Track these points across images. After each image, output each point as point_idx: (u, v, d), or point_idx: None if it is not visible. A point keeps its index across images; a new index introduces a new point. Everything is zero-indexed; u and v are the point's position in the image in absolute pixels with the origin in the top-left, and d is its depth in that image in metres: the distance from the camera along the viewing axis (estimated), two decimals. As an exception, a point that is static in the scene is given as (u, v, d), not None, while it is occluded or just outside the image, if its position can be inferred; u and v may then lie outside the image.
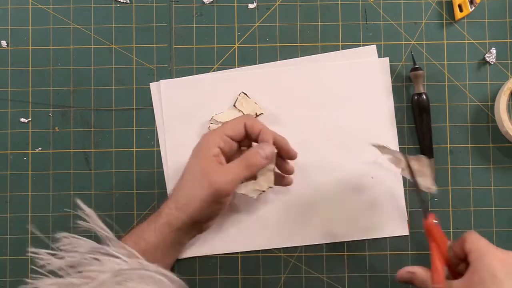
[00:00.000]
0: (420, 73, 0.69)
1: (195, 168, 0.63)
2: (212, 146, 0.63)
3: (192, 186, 0.62)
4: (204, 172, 0.62)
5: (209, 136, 0.64)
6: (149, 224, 0.63)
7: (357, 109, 0.71)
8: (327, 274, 0.70)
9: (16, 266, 0.71)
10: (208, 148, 0.63)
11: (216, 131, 0.64)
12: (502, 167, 0.71)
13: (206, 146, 0.63)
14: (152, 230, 0.62)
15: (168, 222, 0.62)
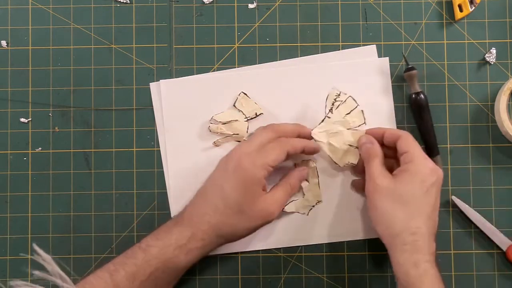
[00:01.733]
0: (414, 73, 0.69)
1: (241, 200, 0.62)
2: (258, 181, 0.63)
3: (239, 219, 0.63)
4: (253, 205, 0.63)
5: (254, 170, 0.62)
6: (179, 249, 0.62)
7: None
8: (327, 274, 0.70)
9: (16, 266, 0.71)
10: (253, 183, 0.62)
11: (258, 162, 0.62)
12: (502, 167, 0.71)
13: (251, 181, 0.62)
14: (183, 253, 0.62)
15: (203, 246, 0.63)
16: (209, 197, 0.63)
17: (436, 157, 0.70)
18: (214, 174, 0.65)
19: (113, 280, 0.60)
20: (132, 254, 0.62)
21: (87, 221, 0.71)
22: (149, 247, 0.62)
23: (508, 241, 0.69)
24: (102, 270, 0.61)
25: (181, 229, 0.62)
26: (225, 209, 0.62)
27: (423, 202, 0.62)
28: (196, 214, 0.63)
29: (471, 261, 0.70)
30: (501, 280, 0.70)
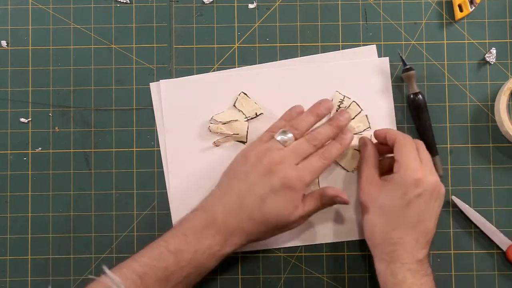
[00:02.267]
0: (412, 73, 0.69)
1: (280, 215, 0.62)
2: (301, 197, 0.63)
3: (272, 230, 0.63)
4: (288, 219, 0.62)
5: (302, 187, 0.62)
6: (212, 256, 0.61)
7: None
8: (327, 274, 0.70)
9: (16, 266, 0.71)
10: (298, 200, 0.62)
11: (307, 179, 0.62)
12: (502, 167, 0.71)
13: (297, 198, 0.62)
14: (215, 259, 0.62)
15: (233, 250, 0.63)
16: (246, 204, 0.61)
17: (435, 158, 0.69)
18: (252, 180, 0.62)
19: (143, 283, 0.58)
20: (162, 258, 0.60)
21: (87, 221, 0.71)
22: (180, 252, 0.60)
23: (508, 241, 0.69)
24: (129, 269, 0.59)
25: (213, 234, 0.61)
26: (263, 220, 0.61)
27: (405, 214, 0.62)
28: (231, 220, 0.61)
29: (471, 261, 0.70)
30: (501, 280, 0.70)
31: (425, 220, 0.62)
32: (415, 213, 0.62)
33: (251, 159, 0.63)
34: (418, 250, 0.61)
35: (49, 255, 0.71)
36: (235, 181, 0.63)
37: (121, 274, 0.58)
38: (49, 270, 0.70)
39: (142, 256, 0.60)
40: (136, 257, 0.60)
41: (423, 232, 0.62)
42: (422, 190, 0.62)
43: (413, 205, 0.62)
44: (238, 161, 0.65)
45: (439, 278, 0.69)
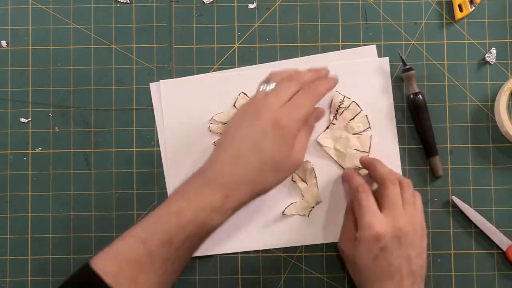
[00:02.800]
0: (412, 73, 0.69)
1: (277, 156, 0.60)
2: (295, 136, 0.61)
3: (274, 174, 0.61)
4: (287, 159, 0.61)
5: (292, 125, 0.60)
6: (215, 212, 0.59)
7: (357, 109, 0.71)
8: (327, 274, 0.70)
9: (16, 266, 0.71)
10: (291, 138, 0.61)
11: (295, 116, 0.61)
12: (502, 167, 0.71)
13: (290, 136, 0.60)
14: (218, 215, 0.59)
15: (238, 205, 0.60)
16: (241, 154, 0.59)
17: (434, 157, 0.70)
18: (243, 129, 0.61)
19: (147, 248, 0.56)
20: (163, 219, 0.58)
21: (87, 221, 0.71)
22: (181, 211, 0.58)
23: (508, 241, 0.69)
24: (133, 237, 0.58)
25: (213, 190, 0.59)
26: (261, 166, 0.60)
27: (377, 267, 0.62)
28: (228, 172, 0.59)
29: (471, 261, 0.70)
30: (501, 280, 0.70)
31: (401, 266, 0.61)
32: (384, 265, 0.61)
33: (238, 115, 0.63)
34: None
35: (49, 255, 0.71)
36: (226, 138, 0.62)
37: (125, 242, 0.57)
38: (49, 270, 0.70)
39: (144, 221, 0.59)
40: (141, 223, 0.59)
41: (403, 277, 0.61)
42: (384, 243, 0.61)
43: (382, 258, 0.61)
44: (228, 124, 0.64)
45: (439, 278, 0.69)
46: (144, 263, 0.56)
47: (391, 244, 0.61)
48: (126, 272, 0.56)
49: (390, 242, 0.61)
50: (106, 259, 0.57)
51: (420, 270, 0.63)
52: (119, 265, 0.56)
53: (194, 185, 0.60)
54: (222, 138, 0.63)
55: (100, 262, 0.56)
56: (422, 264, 0.63)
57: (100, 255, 0.58)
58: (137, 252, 0.56)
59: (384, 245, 0.61)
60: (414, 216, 0.64)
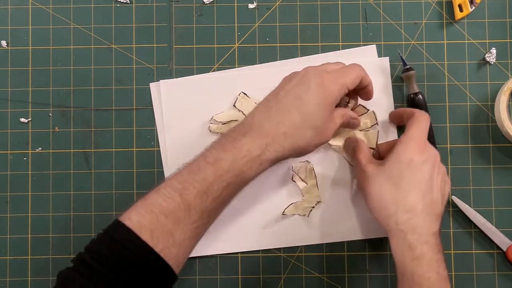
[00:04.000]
0: (412, 73, 0.69)
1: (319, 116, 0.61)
2: (336, 100, 0.62)
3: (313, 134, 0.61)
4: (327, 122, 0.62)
5: (336, 88, 0.61)
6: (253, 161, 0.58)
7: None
8: (327, 274, 0.70)
9: (16, 266, 0.71)
10: (333, 101, 0.62)
11: (340, 81, 0.62)
12: (502, 167, 0.71)
13: (332, 99, 0.61)
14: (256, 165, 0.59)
15: (276, 158, 0.60)
16: (285, 107, 0.60)
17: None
18: (289, 86, 0.61)
19: (183, 199, 0.55)
20: (200, 170, 0.57)
21: (87, 221, 0.71)
22: (218, 161, 0.57)
23: (508, 241, 0.69)
24: (168, 188, 0.56)
25: (252, 139, 0.58)
26: (302, 122, 0.60)
27: (414, 180, 0.61)
28: (269, 123, 0.59)
29: (471, 261, 0.70)
30: (501, 280, 0.70)
31: (432, 190, 0.61)
32: (423, 179, 0.61)
33: (290, 77, 0.63)
34: (432, 221, 0.60)
35: (49, 255, 0.71)
36: (269, 95, 0.62)
37: (160, 194, 0.56)
38: (49, 270, 0.70)
39: (180, 174, 0.58)
40: (175, 176, 0.58)
41: (432, 203, 0.61)
42: (426, 156, 0.61)
43: (421, 171, 0.61)
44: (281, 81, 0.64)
45: (439, 278, 0.69)
46: (181, 215, 0.55)
47: (431, 163, 0.62)
48: (164, 225, 0.54)
49: (431, 161, 0.62)
50: (141, 213, 0.55)
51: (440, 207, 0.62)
52: (155, 218, 0.54)
53: (232, 136, 0.59)
54: (266, 96, 0.63)
55: (135, 217, 0.54)
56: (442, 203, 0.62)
57: (134, 208, 0.56)
58: (173, 204, 0.55)
59: (426, 159, 0.61)
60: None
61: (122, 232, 0.54)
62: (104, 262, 0.53)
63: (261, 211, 0.70)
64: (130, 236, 0.54)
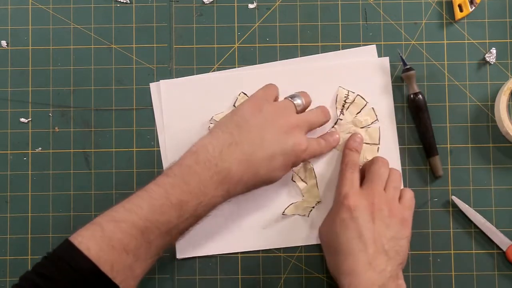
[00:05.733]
0: (412, 73, 0.69)
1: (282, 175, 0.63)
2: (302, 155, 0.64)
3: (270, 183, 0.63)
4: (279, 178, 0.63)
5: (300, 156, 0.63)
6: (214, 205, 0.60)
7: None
8: (327, 274, 0.70)
9: (16, 266, 0.71)
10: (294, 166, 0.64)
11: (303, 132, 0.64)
12: (502, 167, 0.71)
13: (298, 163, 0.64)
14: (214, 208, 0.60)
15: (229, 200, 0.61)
16: (256, 160, 0.60)
17: (434, 157, 0.70)
18: (266, 137, 0.61)
19: (145, 238, 0.55)
20: (164, 212, 0.56)
21: (87, 221, 0.70)
22: (184, 204, 0.57)
23: (508, 241, 0.69)
24: (128, 223, 0.55)
25: (216, 186, 0.58)
26: (263, 178, 0.61)
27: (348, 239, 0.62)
28: (238, 172, 0.59)
29: (471, 261, 0.70)
30: (501, 280, 0.70)
31: (373, 239, 0.61)
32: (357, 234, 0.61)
33: (266, 115, 0.62)
34: (375, 275, 0.60)
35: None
36: (247, 132, 0.61)
37: (121, 230, 0.55)
38: (49, 270, 0.70)
39: (140, 208, 0.56)
40: (133, 208, 0.56)
41: (377, 251, 0.61)
42: (356, 213, 0.62)
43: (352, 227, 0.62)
44: (250, 111, 0.62)
45: (439, 278, 0.69)
46: (142, 253, 0.56)
47: (363, 215, 0.62)
48: (124, 261, 0.54)
49: (363, 214, 0.62)
50: (101, 246, 0.54)
51: (395, 255, 0.62)
52: (117, 254, 0.54)
53: (197, 173, 0.58)
54: (237, 126, 0.61)
55: (94, 248, 0.53)
56: (399, 250, 0.62)
57: (91, 237, 0.54)
58: (135, 243, 0.55)
59: (356, 215, 0.62)
60: (393, 201, 0.64)
61: (82, 262, 0.53)
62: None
63: (261, 211, 0.70)
64: (91, 268, 0.53)
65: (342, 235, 0.62)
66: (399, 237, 0.63)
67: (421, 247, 0.70)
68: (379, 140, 0.70)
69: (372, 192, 0.64)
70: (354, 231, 0.62)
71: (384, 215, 0.63)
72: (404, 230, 0.63)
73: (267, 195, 0.70)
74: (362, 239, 0.61)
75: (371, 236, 0.61)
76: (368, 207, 0.62)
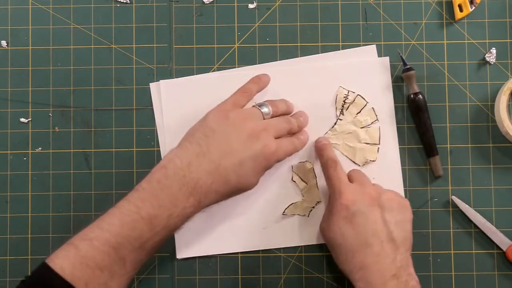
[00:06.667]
0: (412, 73, 0.69)
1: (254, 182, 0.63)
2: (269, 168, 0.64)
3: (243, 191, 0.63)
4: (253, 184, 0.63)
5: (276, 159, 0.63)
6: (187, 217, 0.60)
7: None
8: (327, 274, 0.70)
9: (16, 266, 0.71)
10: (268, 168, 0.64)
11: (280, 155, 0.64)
12: (502, 167, 0.71)
13: (269, 167, 0.64)
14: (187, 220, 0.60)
15: (202, 211, 0.61)
16: (225, 167, 0.60)
17: (434, 157, 0.70)
18: (234, 143, 0.61)
19: (118, 255, 0.56)
20: (135, 227, 0.57)
21: (87, 221, 0.70)
22: (154, 218, 0.57)
23: (508, 241, 0.69)
24: (102, 241, 0.56)
25: (188, 196, 0.58)
26: (235, 184, 0.61)
27: (354, 236, 0.62)
28: (207, 181, 0.59)
29: (471, 261, 0.70)
30: (501, 280, 0.70)
31: (377, 231, 0.61)
32: (362, 230, 0.61)
33: (232, 121, 0.62)
34: (386, 266, 0.60)
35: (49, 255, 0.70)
36: (214, 141, 0.61)
37: (94, 248, 0.55)
38: (49, 270, 0.70)
39: (111, 224, 0.57)
40: (104, 226, 0.57)
41: (383, 243, 0.61)
42: (355, 208, 0.62)
43: (356, 224, 0.62)
44: (216, 119, 0.63)
45: (439, 278, 0.69)
46: (116, 269, 0.56)
47: (362, 208, 0.62)
48: (99, 278, 0.55)
49: (362, 207, 0.62)
50: (75, 265, 0.54)
51: (403, 240, 0.62)
52: (91, 272, 0.54)
53: (166, 186, 0.58)
54: (203, 135, 0.62)
55: (68, 268, 0.54)
56: (405, 235, 0.62)
57: (65, 257, 0.55)
58: (109, 259, 0.55)
59: (355, 210, 0.62)
60: (384, 189, 0.65)
61: (56, 282, 0.54)
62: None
63: (261, 211, 0.70)
64: (64, 285, 0.53)
65: (347, 232, 0.62)
66: (403, 220, 0.63)
67: (421, 247, 0.70)
68: (379, 140, 0.70)
69: (362, 184, 0.64)
70: (357, 226, 0.61)
71: (382, 201, 0.62)
72: (406, 214, 0.63)
73: (267, 195, 0.70)
74: (367, 233, 0.61)
75: (375, 227, 0.61)
76: (365, 198, 0.62)
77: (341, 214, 0.62)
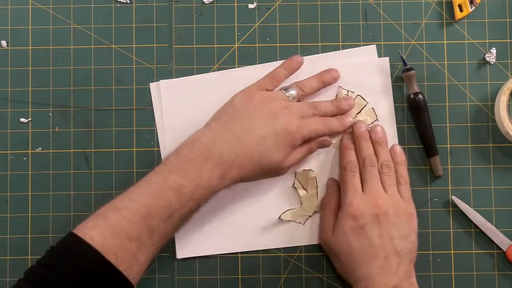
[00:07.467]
0: (412, 73, 0.69)
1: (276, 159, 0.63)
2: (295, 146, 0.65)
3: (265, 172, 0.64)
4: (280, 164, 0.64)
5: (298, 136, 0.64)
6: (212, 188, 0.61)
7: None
8: (327, 274, 0.70)
9: (16, 266, 0.70)
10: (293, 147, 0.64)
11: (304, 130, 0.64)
12: (502, 167, 0.71)
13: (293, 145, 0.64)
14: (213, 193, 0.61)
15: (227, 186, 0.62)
16: (247, 142, 0.62)
17: (434, 157, 0.70)
18: (256, 121, 0.63)
19: (147, 225, 0.57)
20: (163, 195, 0.58)
21: (87, 221, 0.71)
22: (181, 188, 0.58)
23: (508, 241, 0.69)
24: (131, 210, 0.57)
25: (212, 167, 0.60)
26: (258, 160, 0.62)
27: (359, 248, 0.63)
28: (231, 154, 0.61)
29: (471, 261, 0.70)
30: (501, 280, 0.70)
31: (384, 245, 0.62)
32: (368, 243, 0.62)
33: (255, 102, 0.64)
34: (388, 277, 0.61)
35: (49, 255, 0.71)
36: (238, 118, 0.63)
37: (123, 217, 0.56)
38: (49, 270, 0.70)
39: (140, 195, 0.58)
40: (133, 196, 0.58)
41: (388, 256, 0.62)
42: (363, 221, 0.63)
43: (363, 237, 0.63)
44: (241, 101, 0.65)
45: (439, 278, 0.69)
46: (145, 239, 0.57)
47: (370, 222, 0.63)
48: (128, 248, 0.55)
49: (370, 220, 0.63)
50: (104, 235, 0.55)
51: (407, 253, 0.63)
52: (120, 242, 0.55)
53: (192, 159, 0.60)
54: (229, 114, 0.64)
55: (98, 238, 0.54)
56: (410, 247, 0.63)
57: (95, 227, 0.55)
58: (138, 229, 0.56)
59: (363, 223, 0.62)
60: (396, 199, 0.64)
61: (86, 250, 0.54)
62: (69, 280, 0.53)
63: (262, 211, 0.70)
64: (95, 255, 0.54)
65: (354, 243, 0.63)
66: (409, 233, 0.63)
67: (421, 247, 0.69)
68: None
69: (374, 195, 0.64)
70: (364, 239, 0.62)
71: (390, 216, 0.63)
72: (412, 225, 0.64)
73: (268, 196, 0.70)
74: (373, 246, 0.62)
75: (381, 241, 0.62)
76: (373, 212, 0.63)
77: (349, 224, 0.63)
